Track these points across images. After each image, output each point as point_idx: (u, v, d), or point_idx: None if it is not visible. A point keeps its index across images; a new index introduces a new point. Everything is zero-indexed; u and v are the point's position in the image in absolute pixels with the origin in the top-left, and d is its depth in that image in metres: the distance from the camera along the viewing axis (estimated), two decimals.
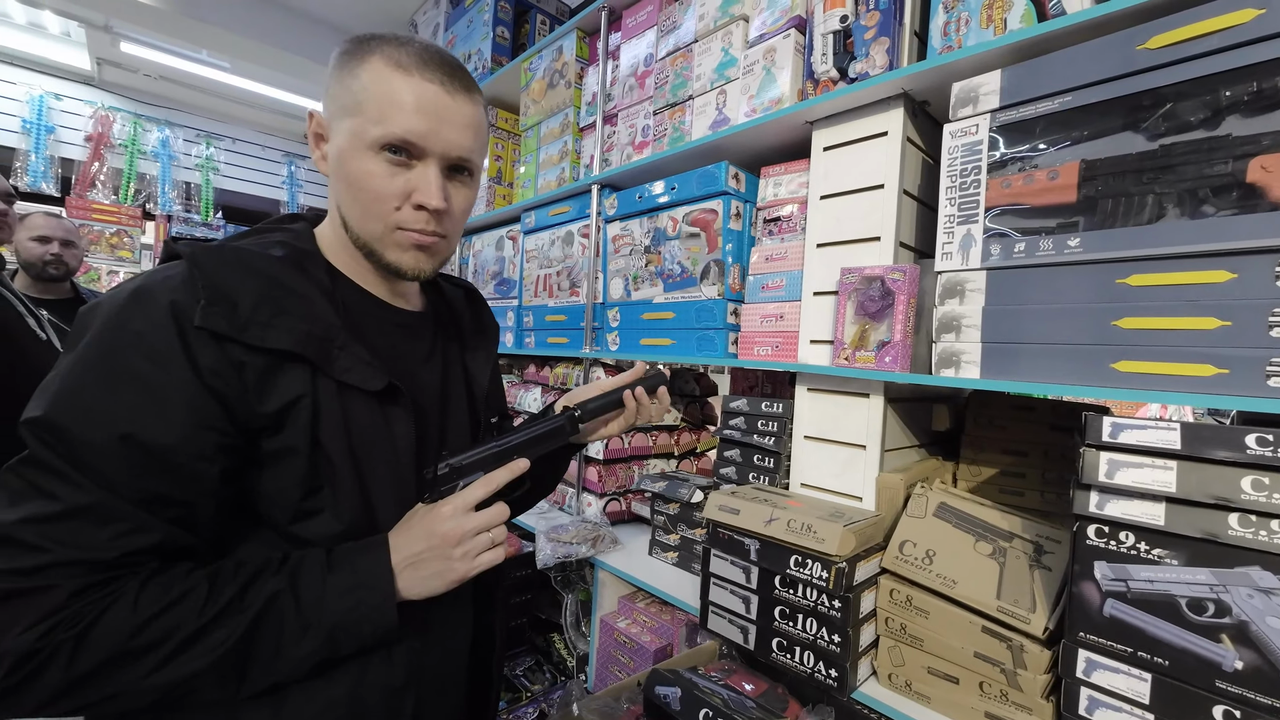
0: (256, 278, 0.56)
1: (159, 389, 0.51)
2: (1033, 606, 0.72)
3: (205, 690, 0.52)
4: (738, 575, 0.95)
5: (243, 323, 0.53)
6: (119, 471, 0.49)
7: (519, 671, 1.49)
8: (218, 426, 0.53)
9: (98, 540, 0.49)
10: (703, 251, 1.25)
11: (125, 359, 0.50)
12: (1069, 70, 0.77)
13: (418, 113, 0.59)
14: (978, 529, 0.84)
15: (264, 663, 0.53)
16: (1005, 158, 0.83)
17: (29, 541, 0.47)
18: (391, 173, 0.60)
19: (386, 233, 0.62)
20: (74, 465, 0.48)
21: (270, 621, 0.53)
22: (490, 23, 2.04)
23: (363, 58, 0.60)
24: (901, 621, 0.83)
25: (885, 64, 0.97)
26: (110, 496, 0.49)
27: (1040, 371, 0.79)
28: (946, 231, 0.88)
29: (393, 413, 0.63)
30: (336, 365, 0.58)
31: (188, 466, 0.51)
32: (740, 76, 1.22)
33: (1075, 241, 0.76)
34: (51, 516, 0.48)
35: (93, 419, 0.49)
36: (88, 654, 0.48)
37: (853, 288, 0.98)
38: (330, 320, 0.59)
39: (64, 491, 0.48)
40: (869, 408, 0.99)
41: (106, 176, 3.59)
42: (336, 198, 0.64)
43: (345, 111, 0.60)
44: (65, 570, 0.48)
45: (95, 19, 2.94)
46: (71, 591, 0.48)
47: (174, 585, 0.51)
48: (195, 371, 0.52)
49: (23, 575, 0.47)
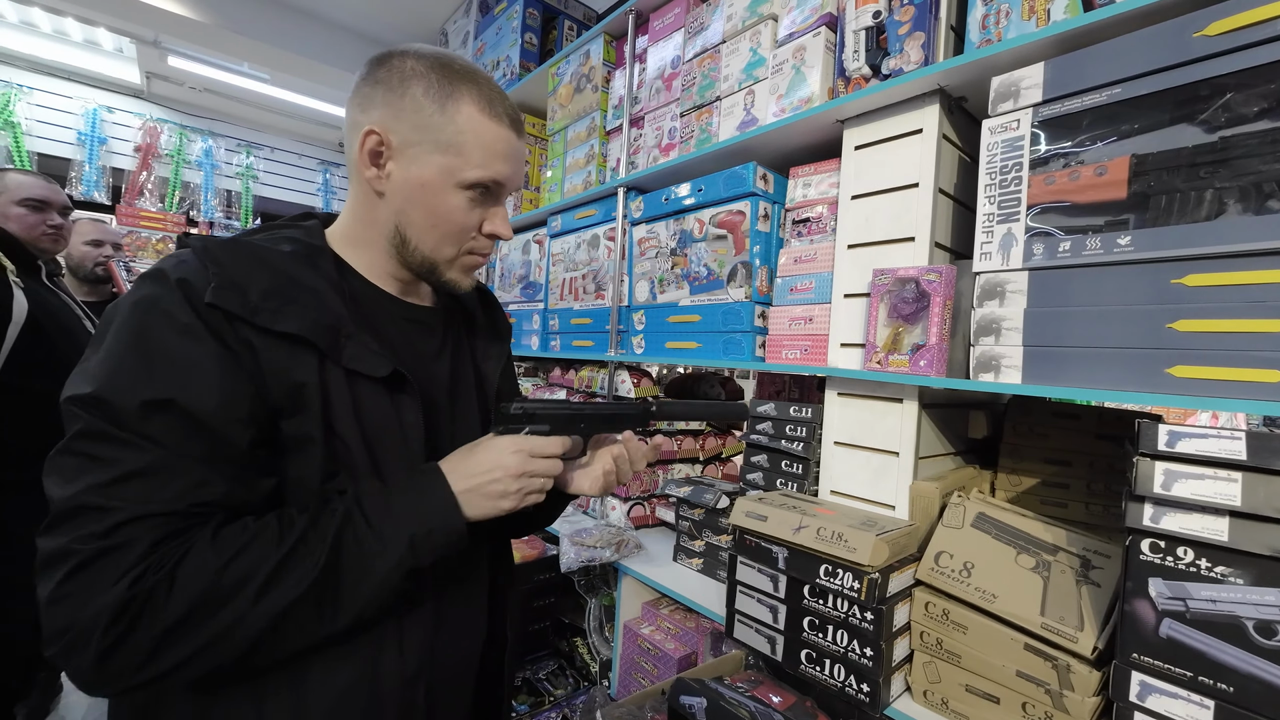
0: (266, 269, 0.58)
1: (193, 359, 0.53)
2: (1080, 624, 0.68)
3: (306, 625, 0.54)
4: (765, 584, 0.93)
5: (252, 307, 0.55)
6: (169, 435, 0.51)
7: (541, 675, 1.49)
8: (247, 394, 0.54)
9: (165, 494, 0.50)
10: (730, 254, 1.23)
11: (157, 334, 0.52)
12: (1118, 61, 0.73)
13: (508, 160, 0.67)
14: (1019, 541, 0.80)
15: (353, 585, 0.55)
16: (1048, 154, 0.79)
17: (98, 505, 0.49)
18: (472, 207, 0.67)
19: (458, 257, 0.69)
20: (127, 430, 0.50)
21: (348, 543, 0.55)
22: (518, 29, 2.06)
23: (454, 96, 0.63)
24: (938, 636, 0.79)
25: (920, 59, 0.94)
26: (167, 455, 0.51)
27: (1087, 377, 0.75)
28: (986, 231, 0.85)
29: (402, 401, 0.64)
30: (344, 353, 0.59)
31: (226, 431, 0.53)
32: (769, 76, 1.20)
33: (1125, 240, 0.72)
34: (115, 480, 0.49)
35: (137, 388, 0.50)
36: (179, 596, 0.49)
37: (885, 289, 0.95)
38: (338, 311, 0.61)
39: (122, 455, 0.49)
40: (902, 413, 0.96)
41: (154, 185, 3.75)
42: (399, 219, 0.66)
43: (437, 147, 0.63)
44: (139, 525, 0.49)
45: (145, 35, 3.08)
46: (151, 542, 0.49)
47: (247, 527, 0.53)
48: (221, 344, 0.54)
49: (100, 537, 0.48)
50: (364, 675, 0.60)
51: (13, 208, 1.60)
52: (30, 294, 1.46)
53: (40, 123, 3.40)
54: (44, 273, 1.63)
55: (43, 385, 1.47)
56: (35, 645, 1.62)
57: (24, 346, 1.42)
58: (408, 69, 0.64)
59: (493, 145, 0.65)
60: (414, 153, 0.64)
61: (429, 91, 0.63)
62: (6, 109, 3.25)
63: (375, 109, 0.64)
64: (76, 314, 1.67)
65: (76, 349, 1.59)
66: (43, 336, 1.47)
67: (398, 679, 0.62)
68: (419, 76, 0.63)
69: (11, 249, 1.50)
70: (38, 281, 1.57)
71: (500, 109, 0.66)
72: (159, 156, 3.77)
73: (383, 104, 0.64)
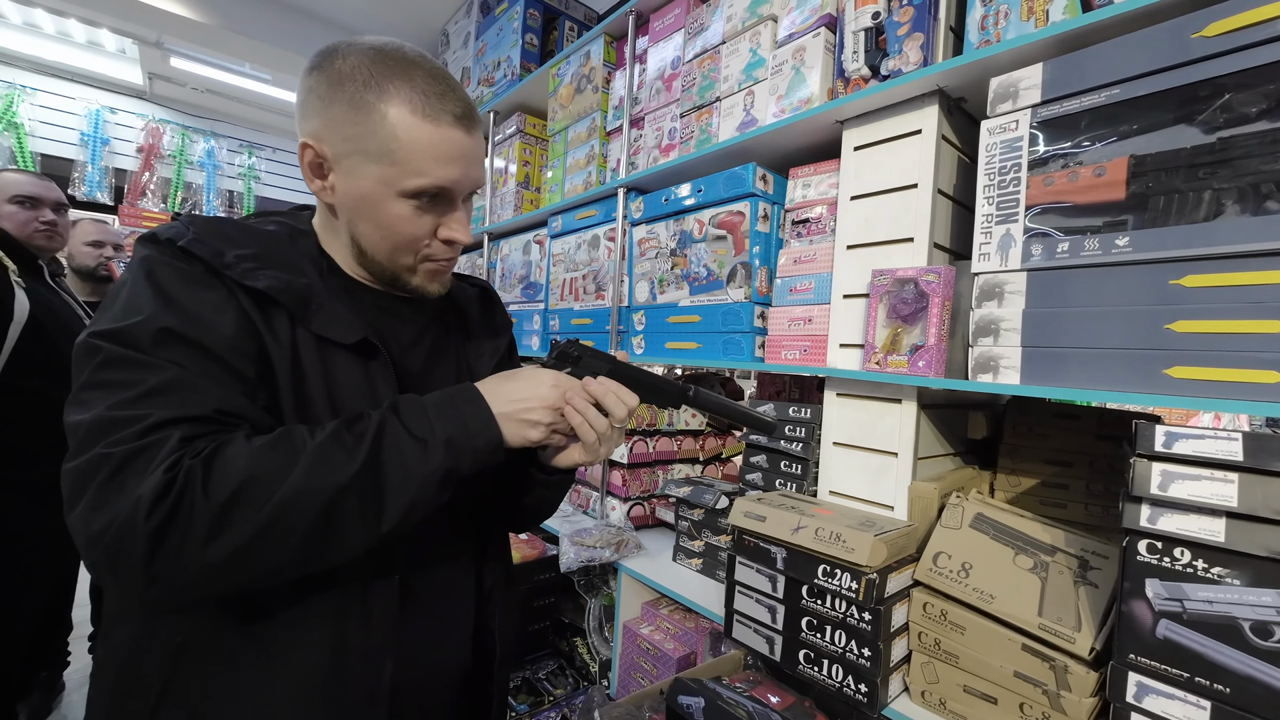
0: (245, 237, 0.60)
1: (202, 298, 0.55)
2: (1078, 625, 0.68)
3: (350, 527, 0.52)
4: (764, 584, 0.93)
5: (226, 263, 0.56)
6: (189, 359, 0.52)
7: (541, 675, 1.49)
8: (251, 333, 0.56)
9: (192, 400, 0.51)
10: (729, 254, 1.23)
11: (167, 279, 0.54)
12: (1116, 62, 0.73)
13: (451, 163, 0.61)
14: (1018, 542, 0.80)
15: (397, 486, 0.54)
16: (1047, 154, 0.79)
17: (127, 414, 0.48)
18: (420, 214, 0.63)
19: (415, 264, 0.66)
20: (149, 353, 0.51)
21: (388, 443, 0.54)
22: (519, 30, 2.07)
23: (384, 98, 0.58)
24: (936, 636, 0.79)
25: (919, 60, 0.94)
26: (189, 373, 0.51)
27: (1085, 377, 0.75)
28: (984, 231, 0.85)
29: (374, 369, 0.63)
30: (315, 319, 0.60)
31: (238, 363, 0.54)
32: (768, 77, 1.20)
33: (1124, 241, 0.72)
34: (142, 394, 0.49)
35: (155, 318, 0.52)
36: (220, 477, 0.48)
37: (884, 290, 0.95)
38: (312, 282, 0.61)
39: (146, 375, 0.50)
40: (901, 414, 0.96)
41: (156, 185, 3.76)
42: (353, 230, 0.64)
43: (369, 157, 0.59)
44: (170, 425, 0.49)
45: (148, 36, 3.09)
46: (181, 437, 0.49)
47: (275, 431, 0.53)
48: (225, 289, 0.56)
49: (133, 438, 0.48)
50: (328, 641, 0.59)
51: (4, 205, 1.60)
52: (32, 294, 1.46)
53: (43, 123, 3.41)
54: (46, 273, 1.63)
55: (44, 385, 1.48)
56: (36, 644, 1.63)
57: (25, 346, 1.43)
58: (337, 70, 0.59)
59: (430, 149, 0.59)
60: (349, 164, 0.60)
61: (356, 95, 0.58)
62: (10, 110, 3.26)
63: (310, 118, 0.61)
64: (78, 314, 1.68)
65: None
66: (44, 336, 1.47)
67: (361, 651, 0.60)
68: (347, 79, 0.59)
69: (13, 249, 1.50)
70: (40, 281, 1.57)
71: (437, 106, 0.59)
72: (161, 157, 3.79)
73: (315, 113, 0.60)
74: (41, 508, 1.47)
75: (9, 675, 1.49)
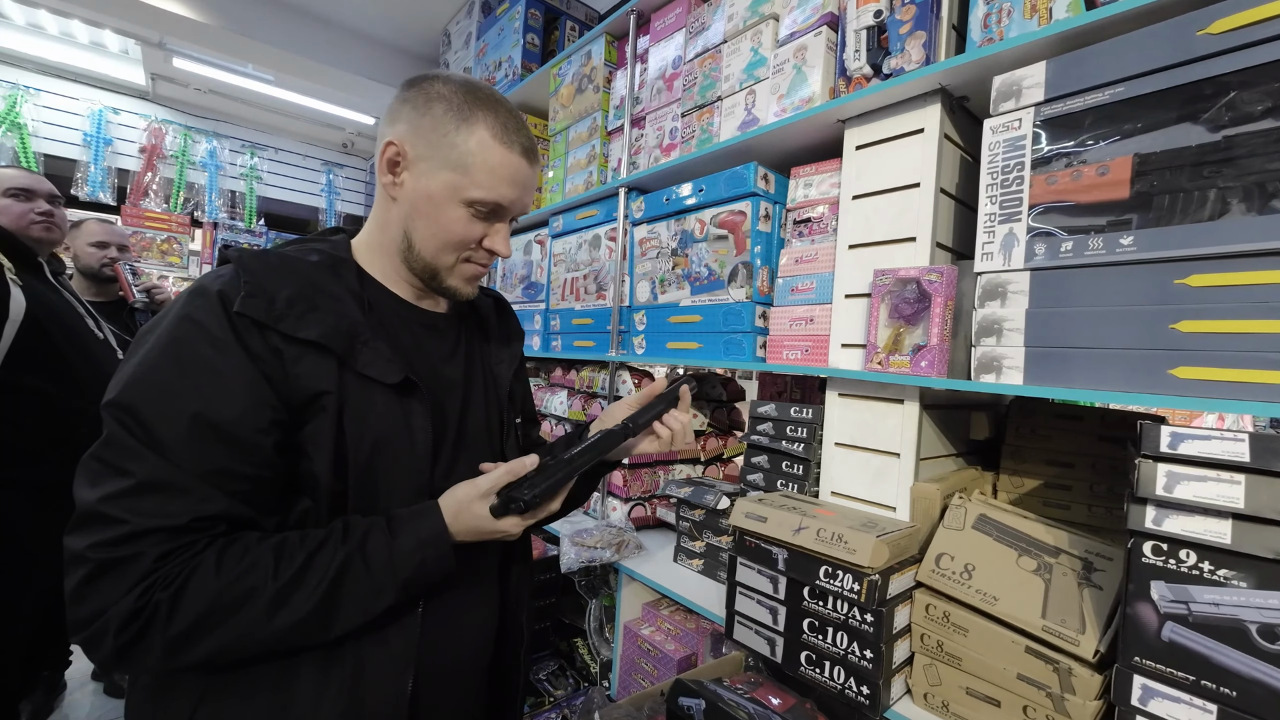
0: (293, 278, 0.64)
1: (221, 371, 0.58)
2: (1082, 627, 0.68)
3: (300, 640, 0.59)
4: (765, 585, 0.92)
5: (278, 314, 0.60)
6: (189, 446, 0.55)
7: (542, 676, 1.49)
8: (270, 403, 0.59)
9: (170, 509, 0.55)
10: (731, 254, 1.23)
11: (191, 347, 0.58)
12: (1120, 60, 0.73)
13: (511, 185, 0.71)
14: (1021, 543, 0.80)
15: (345, 620, 0.60)
16: (1050, 153, 0.79)
17: (112, 515, 0.53)
18: (473, 222, 0.71)
19: (456, 265, 0.74)
20: (147, 443, 0.55)
21: (347, 585, 0.59)
22: (520, 30, 2.07)
23: (470, 120, 0.68)
24: (938, 638, 0.79)
25: (922, 58, 0.94)
26: (178, 471, 0.55)
27: (1089, 377, 0.74)
28: (987, 231, 0.84)
29: (411, 406, 0.68)
30: (359, 359, 0.64)
31: (249, 440, 0.58)
32: (770, 76, 1.20)
33: (1128, 240, 0.71)
34: (128, 491, 0.54)
35: (166, 399, 0.56)
36: (183, 612, 0.54)
37: (886, 290, 0.95)
38: (356, 318, 0.66)
39: (137, 467, 0.54)
40: (903, 414, 0.96)
41: (158, 186, 3.76)
42: (407, 225, 0.71)
43: (447, 164, 0.68)
44: (147, 538, 0.54)
45: (150, 36, 3.09)
46: (156, 556, 0.54)
47: (248, 552, 0.57)
48: (248, 355, 0.59)
49: (112, 546, 0.53)
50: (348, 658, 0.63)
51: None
52: (30, 291, 1.46)
53: (46, 124, 3.41)
54: (46, 270, 1.63)
55: (43, 383, 1.47)
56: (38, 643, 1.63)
57: (23, 345, 1.42)
58: (434, 91, 0.69)
59: (498, 170, 0.69)
60: (425, 167, 0.69)
61: (448, 113, 0.68)
62: (13, 111, 3.27)
63: (399, 123, 0.69)
64: (79, 313, 1.68)
65: (78, 347, 1.59)
66: (43, 334, 1.47)
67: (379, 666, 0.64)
68: (442, 99, 0.68)
69: (11, 247, 1.50)
70: (39, 279, 1.57)
71: (514, 138, 0.70)
72: (164, 157, 3.79)
73: (406, 120, 0.69)
74: (41, 507, 1.47)
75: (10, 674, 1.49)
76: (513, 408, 0.84)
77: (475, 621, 0.76)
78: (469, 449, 0.77)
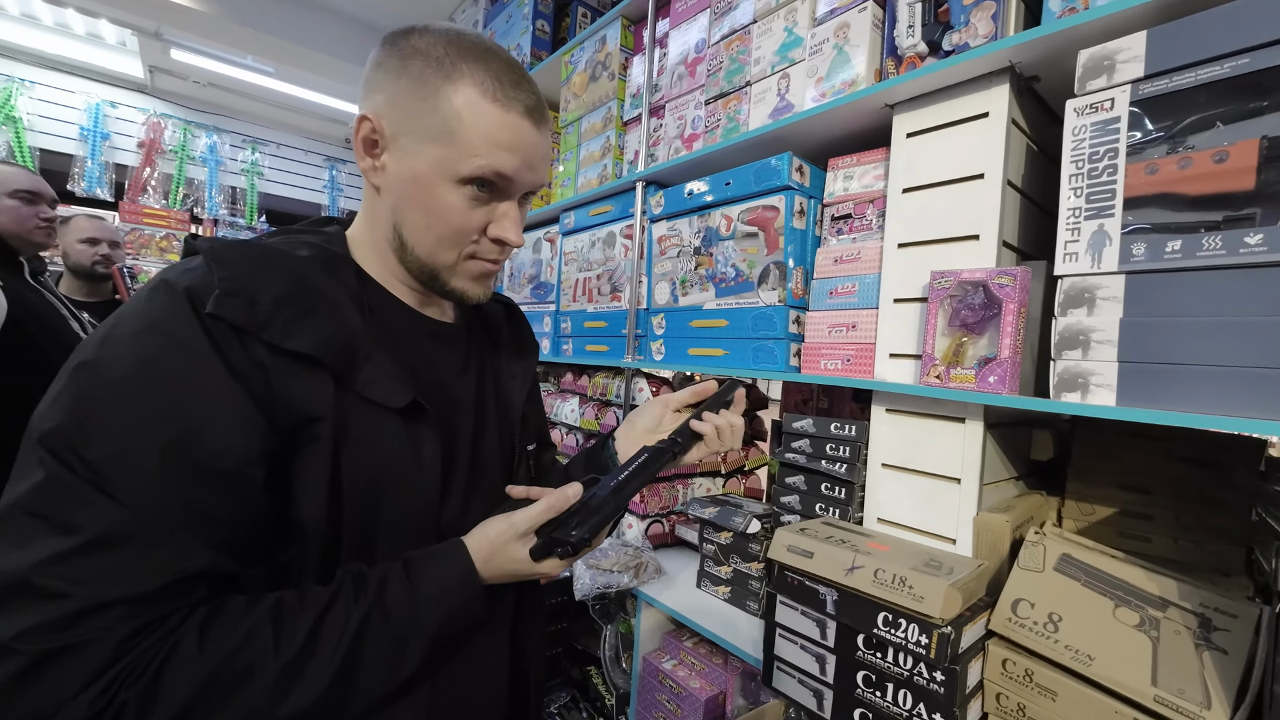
0: (279, 275, 0.51)
1: (197, 389, 0.45)
2: (1206, 701, 0.57)
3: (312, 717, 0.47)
4: (810, 629, 0.82)
5: (261, 319, 0.48)
6: (160, 487, 0.42)
7: (554, 709, 1.39)
8: (260, 430, 0.47)
9: (133, 572, 0.41)
10: (761, 253, 1.12)
11: (155, 357, 0.44)
12: (1243, 25, 0.62)
13: (511, 151, 0.57)
14: (1117, 591, 0.69)
15: (368, 689, 0.49)
16: (1150, 138, 0.68)
17: (52, 588, 0.39)
18: (473, 206, 0.58)
19: (459, 262, 0.61)
20: (96, 485, 0.41)
21: (369, 649, 0.49)
22: (530, 16, 1.96)
23: (454, 77, 0.55)
24: (1019, 700, 0.68)
25: (990, 32, 0.83)
26: (145, 521, 0.42)
27: (1199, 399, 0.63)
28: (1071, 228, 0.73)
29: (419, 432, 0.57)
30: (360, 377, 0.53)
31: (235, 475, 0.45)
32: (806, 58, 1.09)
33: (1256, 239, 0.60)
34: (74, 551, 0.40)
35: (125, 427, 0.42)
36: (160, 714, 0.41)
37: (946, 294, 0.84)
38: (355, 327, 0.54)
39: (86, 519, 0.40)
40: (965, 434, 0.85)
41: (157, 182, 3.68)
42: (396, 217, 0.59)
43: (430, 135, 0.55)
44: (102, 615, 0.40)
45: (146, 25, 3.01)
46: (118, 640, 0.40)
47: (238, 620, 0.45)
48: (228, 368, 0.46)
49: (55, 630, 0.39)
50: None
51: (4, 200, 1.54)
52: (9, 292, 1.39)
53: (42, 118, 3.33)
54: (26, 270, 1.55)
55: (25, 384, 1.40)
56: None
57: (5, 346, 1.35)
58: (411, 45, 0.56)
59: (493, 133, 0.55)
60: (406, 142, 0.56)
61: (427, 70, 0.55)
62: (8, 104, 3.18)
63: (374, 94, 0.57)
64: (62, 313, 1.60)
65: (60, 348, 1.52)
66: (23, 334, 1.40)
67: None
68: (420, 55, 0.55)
69: None
70: (19, 279, 1.50)
71: (510, 93, 0.56)
72: (163, 152, 3.70)
73: (380, 88, 0.56)
74: None
75: None
76: (525, 432, 0.73)
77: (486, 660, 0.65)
78: (482, 480, 0.65)
